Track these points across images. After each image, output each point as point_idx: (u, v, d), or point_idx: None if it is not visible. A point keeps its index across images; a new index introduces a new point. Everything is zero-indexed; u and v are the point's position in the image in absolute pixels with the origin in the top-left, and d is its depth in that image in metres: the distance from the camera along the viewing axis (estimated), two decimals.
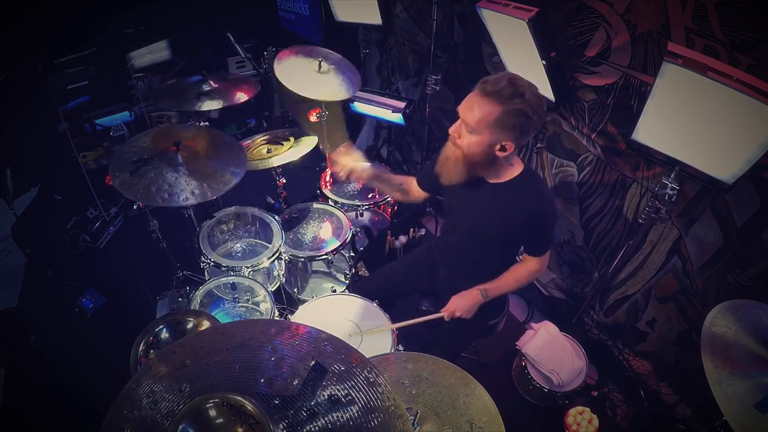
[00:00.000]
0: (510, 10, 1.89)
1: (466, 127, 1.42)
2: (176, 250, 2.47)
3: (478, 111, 1.38)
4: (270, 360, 0.84)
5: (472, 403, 1.18)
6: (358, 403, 0.78)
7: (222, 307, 1.99)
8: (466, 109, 1.41)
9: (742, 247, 1.70)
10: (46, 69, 2.94)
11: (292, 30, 3.85)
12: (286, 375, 0.81)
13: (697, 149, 1.50)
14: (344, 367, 0.82)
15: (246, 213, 2.29)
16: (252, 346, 0.86)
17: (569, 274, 2.55)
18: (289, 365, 0.83)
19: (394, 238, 2.47)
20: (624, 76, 1.87)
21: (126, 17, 3.33)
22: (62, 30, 3.00)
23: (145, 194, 1.74)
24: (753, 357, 1.22)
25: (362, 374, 0.82)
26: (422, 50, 3.07)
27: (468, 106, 1.41)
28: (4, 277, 2.84)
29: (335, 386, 0.80)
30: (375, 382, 0.81)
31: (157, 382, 0.81)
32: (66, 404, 2.03)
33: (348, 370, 0.82)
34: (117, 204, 3.15)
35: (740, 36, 1.45)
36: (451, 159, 1.51)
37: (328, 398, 0.79)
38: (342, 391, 0.80)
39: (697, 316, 1.93)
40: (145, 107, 3.37)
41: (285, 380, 0.81)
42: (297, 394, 0.79)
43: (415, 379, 1.23)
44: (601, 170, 2.15)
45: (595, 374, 2.25)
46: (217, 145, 1.98)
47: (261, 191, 3.00)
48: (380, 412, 0.78)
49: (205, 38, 3.67)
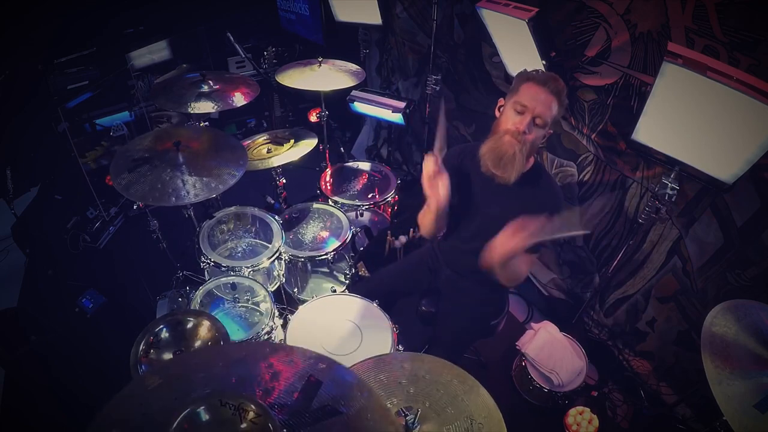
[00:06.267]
0: (510, 10, 1.89)
1: (538, 121, 1.44)
2: (176, 250, 2.47)
3: (550, 107, 1.44)
4: (265, 375, 0.86)
5: (471, 400, 1.18)
6: (351, 411, 0.81)
7: (222, 307, 1.99)
8: (545, 106, 1.44)
9: (742, 247, 1.70)
10: (46, 69, 2.94)
11: (292, 30, 3.85)
12: (283, 387, 0.84)
13: (697, 149, 1.50)
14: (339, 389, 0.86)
15: (246, 213, 2.29)
16: (248, 362, 0.89)
17: (569, 274, 2.55)
18: (285, 379, 0.86)
19: (394, 238, 2.47)
20: (624, 76, 1.87)
21: (126, 17, 3.33)
22: (62, 30, 3.00)
23: (150, 195, 1.74)
24: (753, 357, 1.22)
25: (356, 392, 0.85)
26: (422, 50, 3.07)
27: (542, 101, 1.43)
28: (4, 277, 2.84)
29: (330, 397, 0.83)
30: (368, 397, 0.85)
31: (151, 393, 0.82)
32: (66, 404, 2.02)
33: (342, 386, 0.86)
34: (117, 204, 3.15)
35: (740, 36, 1.45)
36: (509, 154, 1.47)
37: (323, 408, 0.81)
38: (336, 401, 0.82)
39: (697, 316, 1.93)
40: (145, 107, 3.37)
41: (281, 392, 0.83)
42: (293, 403, 0.82)
43: (412, 378, 1.23)
44: (601, 170, 2.15)
45: (595, 374, 2.25)
46: (218, 143, 1.98)
47: (261, 191, 2.99)
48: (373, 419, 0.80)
49: (205, 38, 3.67)
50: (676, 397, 2.09)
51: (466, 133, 2.96)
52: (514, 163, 1.47)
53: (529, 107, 1.44)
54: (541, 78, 1.46)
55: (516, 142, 1.46)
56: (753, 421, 1.10)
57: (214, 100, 2.23)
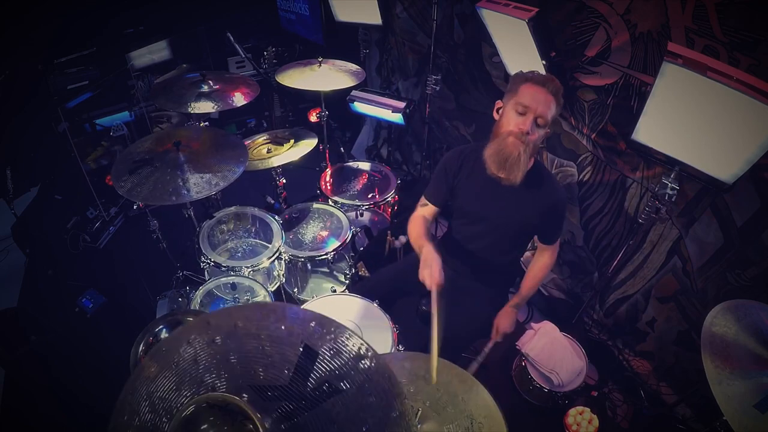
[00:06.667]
0: (510, 10, 1.89)
1: (540, 121, 1.46)
2: (176, 250, 2.47)
3: (553, 108, 1.46)
4: (260, 348, 0.81)
5: (471, 400, 1.18)
6: (353, 386, 0.77)
7: (222, 307, 1.98)
8: (546, 106, 1.45)
9: (742, 247, 1.70)
10: (46, 69, 2.94)
11: (292, 30, 3.85)
12: (278, 362, 0.80)
13: (697, 149, 1.50)
14: (334, 348, 0.80)
15: (246, 213, 2.29)
16: (240, 335, 0.83)
17: (569, 274, 2.55)
18: (279, 352, 0.81)
19: (394, 238, 2.47)
20: (624, 76, 1.87)
21: (126, 17, 3.33)
22: (62, 30, 3.00)
23: (151, 195, 1.74)
24: (753, 357, 1.22)
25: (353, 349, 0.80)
26: (422, 50, 3.07)
27: (543, 102, 1.45)
28: (4, 277, 2.84)
29: (327, 369, 0.79)
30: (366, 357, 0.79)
31: (151, 383, 0.79)
32: (66, 404, 2.02)
33: (339, 350, 0.80)
34: (117, 204, 3.15)
35: (740, 36, 1.45)
36: (514, 156, 1.48)
37: (321, 384, 0.77)
38: (334, 374, 0.78)
39: (697, 316, 1.93)
40: (145, 107, 3.37)
41: (277, 369, 0.79)
42: (290, 382, 0.78)
43: (412, 377, 1.23)
44: (601, 170, 2.15)
45: (595, 374, 2.24)
46: (218, 142, 1.99)
47: (261, 191, 2.99)
48: (376, 392, 0.77)
49: (205, 38, 3.67)
50: (676, 397, 2.09)
51: (466, 133, 2.96)
52: (519, 164, 1.48)
53: (531, 107, 1.44)
54: (539, 79, 1.47)
55: (520, 143, 1.46)
56: (753, 421, 1.10)
57: (214, 100, 2.24)
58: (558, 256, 2.54)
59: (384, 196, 2.59)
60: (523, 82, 1.48)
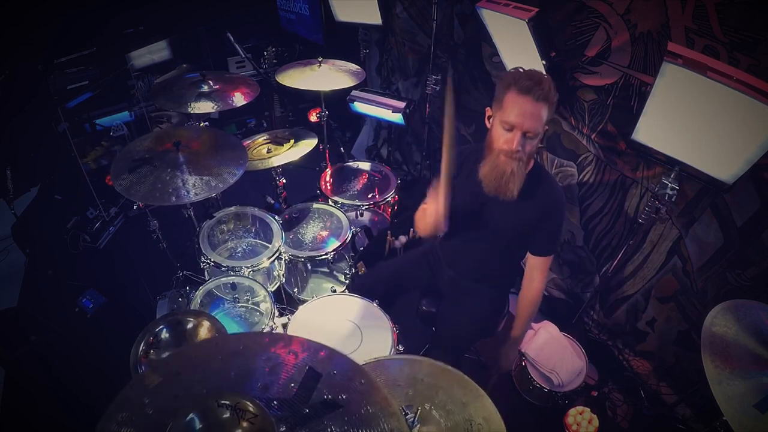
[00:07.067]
0: (510, 10, 1.89)
1: (528, 134, 1.41)
2: (176, 250, 2.47)
3: (540, 117, 1.39)
4: (265, 368, 0.84)
5: (470, 402, 1.18)
6: (352, 404, 0.79)
7: (222, 307, 1.98)
8: (533, 119, 1.38)
9: (742, 247, 1.70)
10: (46, 69, 2.94)
11: (292, 30, 3.85)
12: (282, 381, 0.82)
13: (697, 149, 1.50)
14: (338, 376, 0.83)
15: (246, 213, 2.29)
16: (246, 355, 0.86)
17: (569, 274, 2.55)
18: (286, 372, 0.83)
19: (394, 238, 2.47)
20: (624, 76, 1.87)
21: (126, 17, 3.33)
22: (62, 30, 3.00)
23: (150, 195, 1.73)
24: (753, 357, 1.22)
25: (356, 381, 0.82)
26: (422, 50, 3.07)
27: (530, 115, 1.38)
28: (4, 277, 2.84)
29: (330, 389, 0.81)
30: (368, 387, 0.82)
31: (150, 393, 0.80)
32: (66, 404, 2.02)
33: (342, 377, 0.83)
34: (117, 204, 3.15)
35: (740, 36, 1.45)
36: (508, 173, 1.47)
37: (323, 401, 0.79)
38: (336, 394, 0.80)
39: (697, 316, 1.93)
40: (145, 107, 3.37)
41: (281, 386, 0.81)
42: (293, 397, 0.80)
43: (411, 380, 1.23)
44: (601, 170, 2.15)
45: (595, 374, 2.24)
46: (218, 142, 1.99)
47: (261, 191, 2.99)
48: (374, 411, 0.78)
49: (205, 38, 3.67)
50: (676, 397, 2.09)
51: (466, 133, 2.96)
52: (514, 179, 1.48)
53: (517, 125, 1.40)
54: (524, 86, 1.37)
55: (512, 160, 1.46)
56: (753, 421, 1.10)
57: (214, 100, 2.23)
58: (558, 256, 2.56)
59: (384, 196, 2.59)
60: (507, 91, 1.42)
